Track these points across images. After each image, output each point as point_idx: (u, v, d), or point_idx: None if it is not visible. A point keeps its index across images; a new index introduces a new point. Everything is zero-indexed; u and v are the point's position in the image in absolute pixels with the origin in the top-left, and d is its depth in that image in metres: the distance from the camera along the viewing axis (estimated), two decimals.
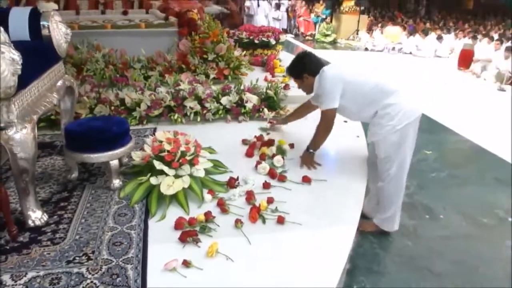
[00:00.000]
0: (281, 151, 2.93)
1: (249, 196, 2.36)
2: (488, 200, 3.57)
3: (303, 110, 3.21)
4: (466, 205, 3.46)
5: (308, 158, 2.79)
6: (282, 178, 2.61)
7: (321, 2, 15.68)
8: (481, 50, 9.41)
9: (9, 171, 2.55)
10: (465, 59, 9.46)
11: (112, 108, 3.54)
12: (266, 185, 2.51)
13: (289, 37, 12.40)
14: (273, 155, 2.87)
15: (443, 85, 8.07)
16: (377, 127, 2.53)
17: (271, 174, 2.66)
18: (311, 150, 2.77)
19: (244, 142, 3.17)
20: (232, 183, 2.50)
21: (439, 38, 11.06)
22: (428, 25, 13.29)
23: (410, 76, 8.57)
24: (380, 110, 2.51)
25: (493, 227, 3.18)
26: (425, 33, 11.04)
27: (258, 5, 9.82)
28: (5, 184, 2.48)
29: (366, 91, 2.53)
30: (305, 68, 2.70)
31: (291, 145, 3.06)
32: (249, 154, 2.95)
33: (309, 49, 10.97)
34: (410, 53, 11.02)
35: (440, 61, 10.49)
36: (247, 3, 11.59)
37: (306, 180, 2.60)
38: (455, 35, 11.45)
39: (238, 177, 2.56)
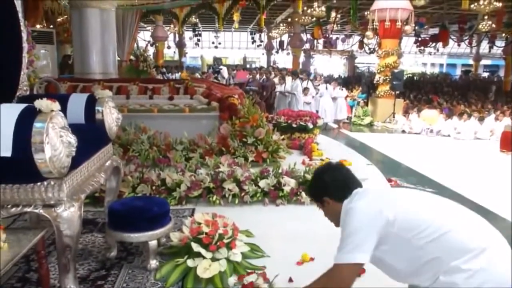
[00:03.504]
0: None
1: None
2: None
3: None
4: None
5: None
6: None
7: (356, 87, 16.16)
8: None
9: (51, 246, 2.62)
10: (508, 141, 9.25)
11: (153, 188, 3.65)
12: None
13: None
14: None
15: (487, 167, 7.82)
16: None
17: None
18: None
19: None
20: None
21: (481, 119, 10.98)
22: (463, 107, 13.25)
23: (452, 159, 8.41)
24: (443, 275, 1.52)
25: None
26: (468, 116, 11.02)
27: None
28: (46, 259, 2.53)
29: (424, 242, 1.53)
30: (326, 188, 1.76)
31: None
32: None
33: (345, 132, 11.03)
34: (449, 135, 10.91)
35: (481, 144, 10.28)
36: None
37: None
38: (495, 117, 11.32)
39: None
